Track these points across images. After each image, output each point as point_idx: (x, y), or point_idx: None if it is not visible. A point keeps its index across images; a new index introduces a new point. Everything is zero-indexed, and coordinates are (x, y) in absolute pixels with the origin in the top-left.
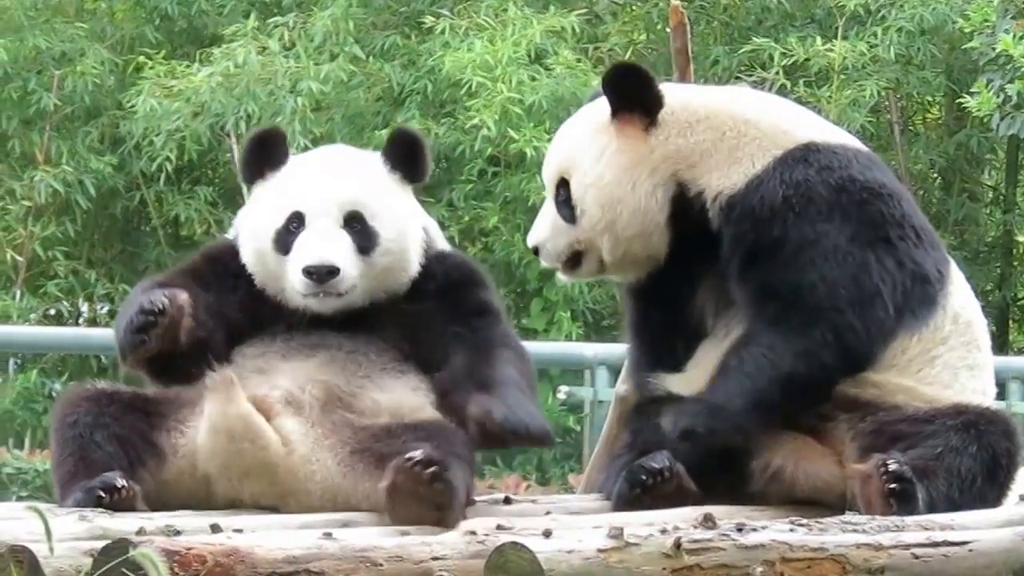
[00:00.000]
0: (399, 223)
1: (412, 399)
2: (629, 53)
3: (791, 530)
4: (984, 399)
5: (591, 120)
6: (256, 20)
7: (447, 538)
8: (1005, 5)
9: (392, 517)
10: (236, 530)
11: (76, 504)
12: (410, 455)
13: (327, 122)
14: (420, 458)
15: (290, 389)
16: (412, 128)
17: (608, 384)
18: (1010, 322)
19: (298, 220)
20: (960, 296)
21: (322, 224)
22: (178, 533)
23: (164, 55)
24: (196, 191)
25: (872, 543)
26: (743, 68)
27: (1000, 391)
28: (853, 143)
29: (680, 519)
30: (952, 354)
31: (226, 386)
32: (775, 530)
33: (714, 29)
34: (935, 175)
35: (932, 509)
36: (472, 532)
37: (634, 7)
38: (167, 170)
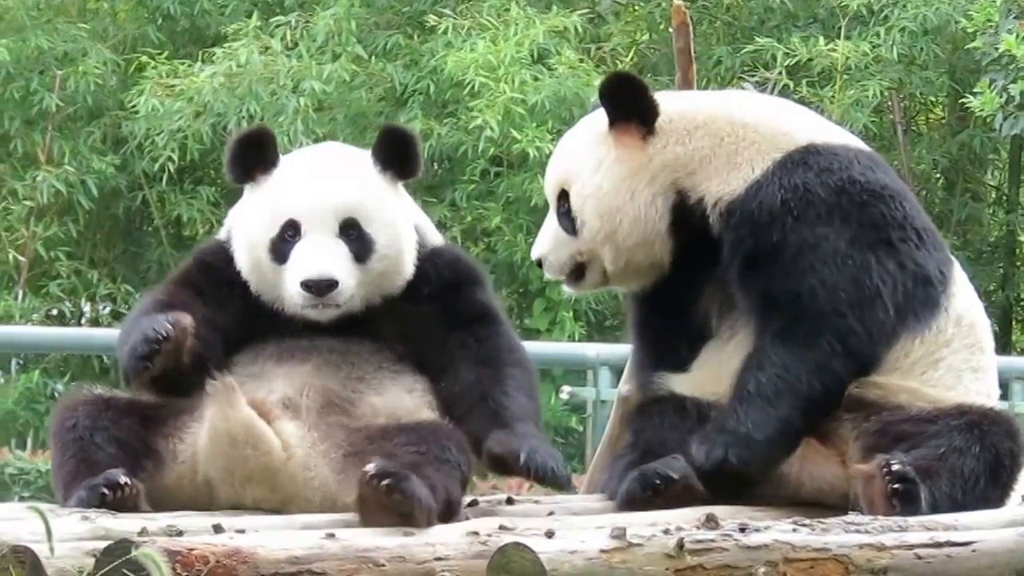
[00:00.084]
0: (394, 227)
1: (408, 401)
2: (632, 53)
3: (794, 530)
4: (988, 400)
5: (590, 131)
6: (258, 19)
7: (450, 538)
8: (1008, 5)
9: (366, 526)
10: (238, 530)
11: (79, 502)
12: (366, 469)
13: (329, 122)
14: (374, 472)
15: (287, 393)
16: (402, 125)
17: (611, 384)
18: (1013, 322)
19: (293, 229)
20: (963, 297)
21: (318, 234)
22: (180, 533)
23: (166, 55)
24: (198, 191)
25: (875, 543)
26: (746, 68)
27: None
28: (855, 144)
29: (683, 519)
30: (956, 356)
31: (227, 392)
32: (778, 530)
33: (717, 29)
34: (938, 175)
35: (935, 509)
36: (475, 532)
37: (637, 7)
38: (169, 170)
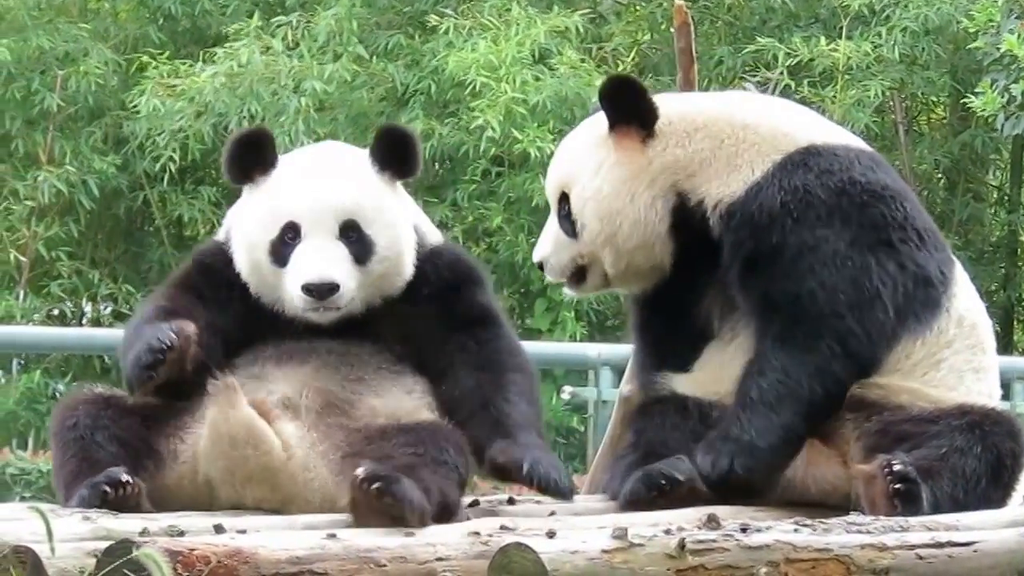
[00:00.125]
0: (394, 229)
1: (408, 403)
2: (633, 53)
3: (795, 530)
4: (989, 401)
5: (590, 134)
6: (260, 19)
7: (451, 539)
8: (1010, 5)
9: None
10: (240, 531)
11: (81, 500)
12: (356, 472)
13: (331, 122)
14: (364, 475)
15: (286, 393)
16: (400, 125)
17: (612, 384)
18: (1015, 322)
19: (293, 231)
20: (965, 298)
21: (318, 237)
22: (182, 534)
23: (168, 55)
24: (200, 191)
25: (876, 544)
26: (747, 68)
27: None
28: (856, 144)
29: (684, 520)
30: (957, 357)
31: (228, 392)
32: (779, 530)
33: (718, 29)
34: (939, 175)
35: (936, 510)
36: (476, 533)
37: (638, 7)
38: (170, 170)
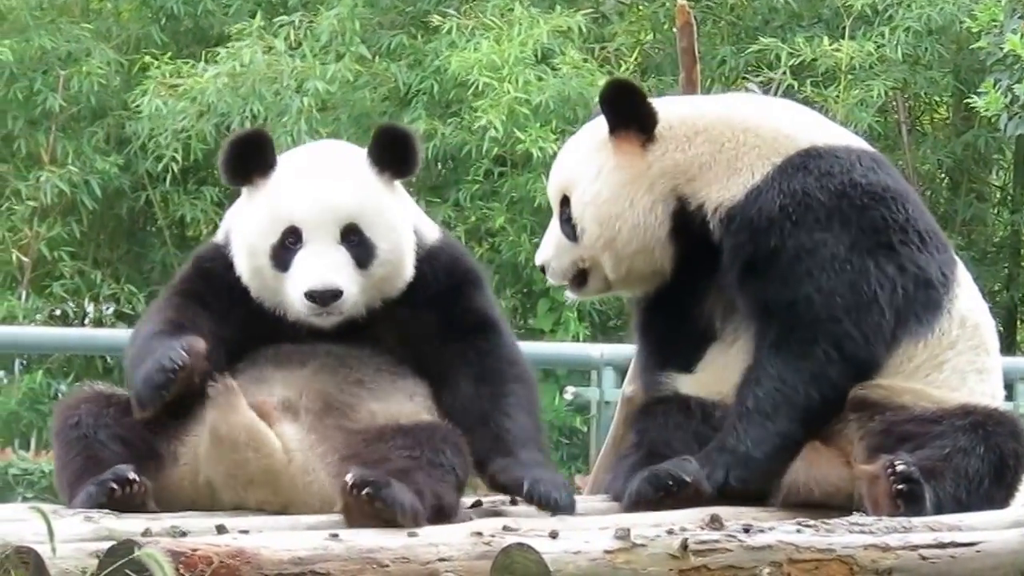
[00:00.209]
0: (395, 231)
1: (409, 408)
2: (635, 53)
3: (798, 531)
4: (992, 401)
5: (591, 137)
6: (262, 19)
7: (453, 539)
8: (1013, 5)
9: None
10: (242, 531)
11: (88, 497)
12: (346, 479)
13: (333, 122)
14: (354, 481)
15: (286, 395)
16: (397, 124)
17: (615, 385)
18: (1018, 323)
19: (295, 236)
20: (967, 299)
21: (320, 241)
22: (184, 534)
23: (170, 55)
24: (202, 191)
25: (879, 544)
26: (750, 68)
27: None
28: (857, 145)
29: (687, 520)
30: (960, 359)
31: (228, 394)
32: (782, 531)
33: (721, 29)
34: (942, 175)
35: (940, 510)
36: (478, 533)
37: (641, 7)
38: (173, 170)
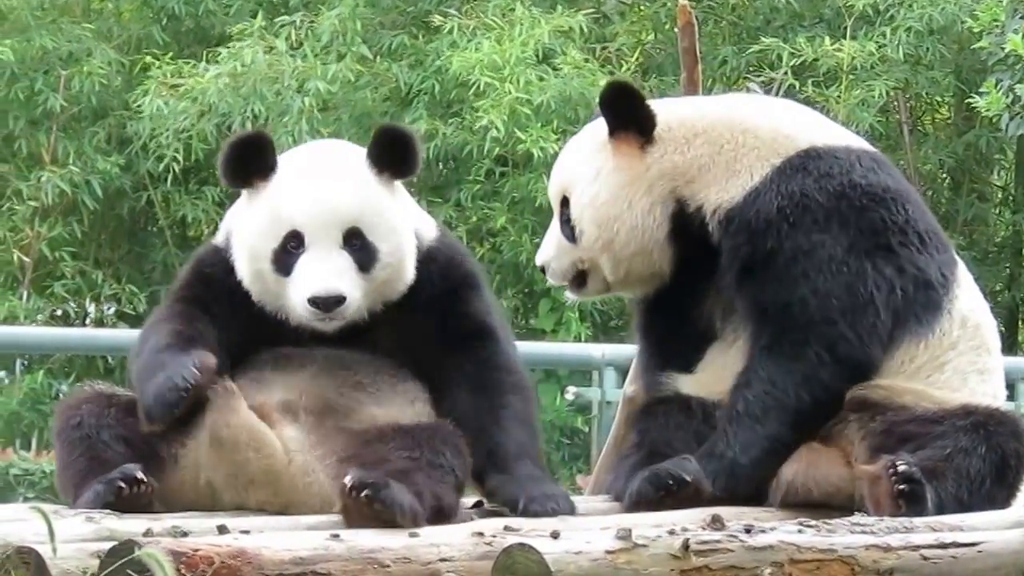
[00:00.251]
0: (397, 234)
1: (410, 413)
2: (637, 53)
3: (799, 531)
4: (994, 401)
5: (591, 139)
6: (263, 19)
7: (455, 539)
8: (1014, 5)
9: None
10: (243, 531)
11: (96, 496)
12: (344, 480)
13: (334, 122)
14: (352, 483)
15: (286, 397)
16: (397, 124)
17: (616, 385)
18: (1019, 323)
19: (296, 240)
20: (968, 299)
21: (323, 246)
22: (185, 534)
23: (171, 55)
24: (203, 191)
25: (881, 544)
26: (751, 68)
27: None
28: (858, 145)
29: (688, 520)
30: (961, 359)
31: (228, 396)
32: (784, 531)
33: (722, 29)
34: (944, 175)
35: (941, 510)
36: (480, 533)
37: (642, 7)
38: (174, 170)
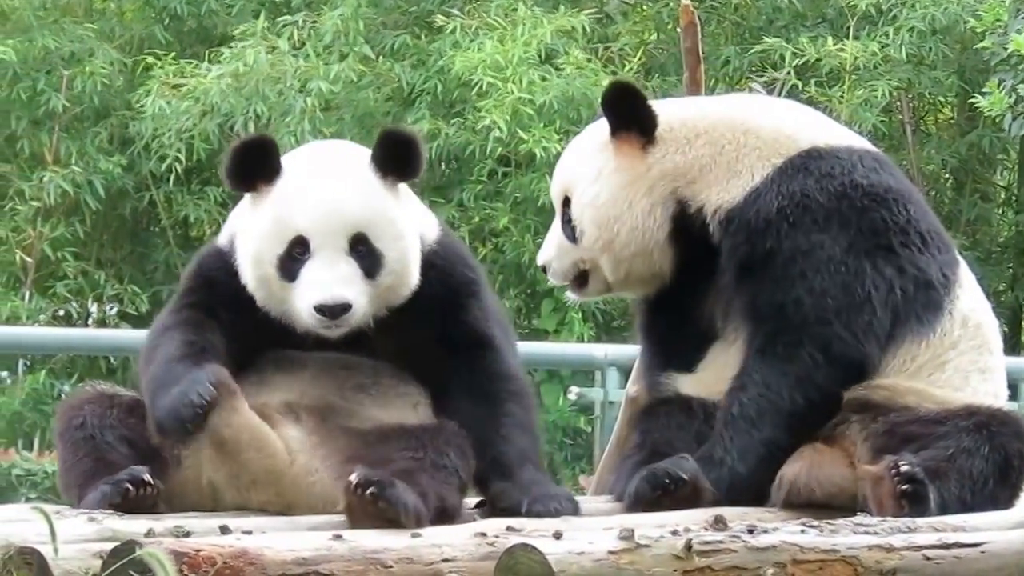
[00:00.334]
0: (402, 240)
1: (412, 416)
2: (639, 53)
3: (802, 531)
4: (996, 401)
5: (593, 139)
6: (265, 20)
7: (457, 540)
8: (1017, 5)
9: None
10: (245, 531)
11: (102, 497)
12: (350, 478)
13: (336, 122)
14: (358, 481)
15: (287, 398)
16: (401, 127)
17: (619, 385)
18: (1022, 323)
19: (302, 246)
20: (969, 299)
21: (328, 253)
22: (187, 534)
23: (173, 55)
24: (205, 191)
25: (884, 545)
26: (754, 68)
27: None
28: (860, 145)
29: (691, 521)
30: (963, 358)
31: (229, 396)
32: (786, 532)
33: (725, 29)
34: (947, 175)
35: (944, 511)
36: (482, 534)
37: (644, 7)
38: (176, 170)
